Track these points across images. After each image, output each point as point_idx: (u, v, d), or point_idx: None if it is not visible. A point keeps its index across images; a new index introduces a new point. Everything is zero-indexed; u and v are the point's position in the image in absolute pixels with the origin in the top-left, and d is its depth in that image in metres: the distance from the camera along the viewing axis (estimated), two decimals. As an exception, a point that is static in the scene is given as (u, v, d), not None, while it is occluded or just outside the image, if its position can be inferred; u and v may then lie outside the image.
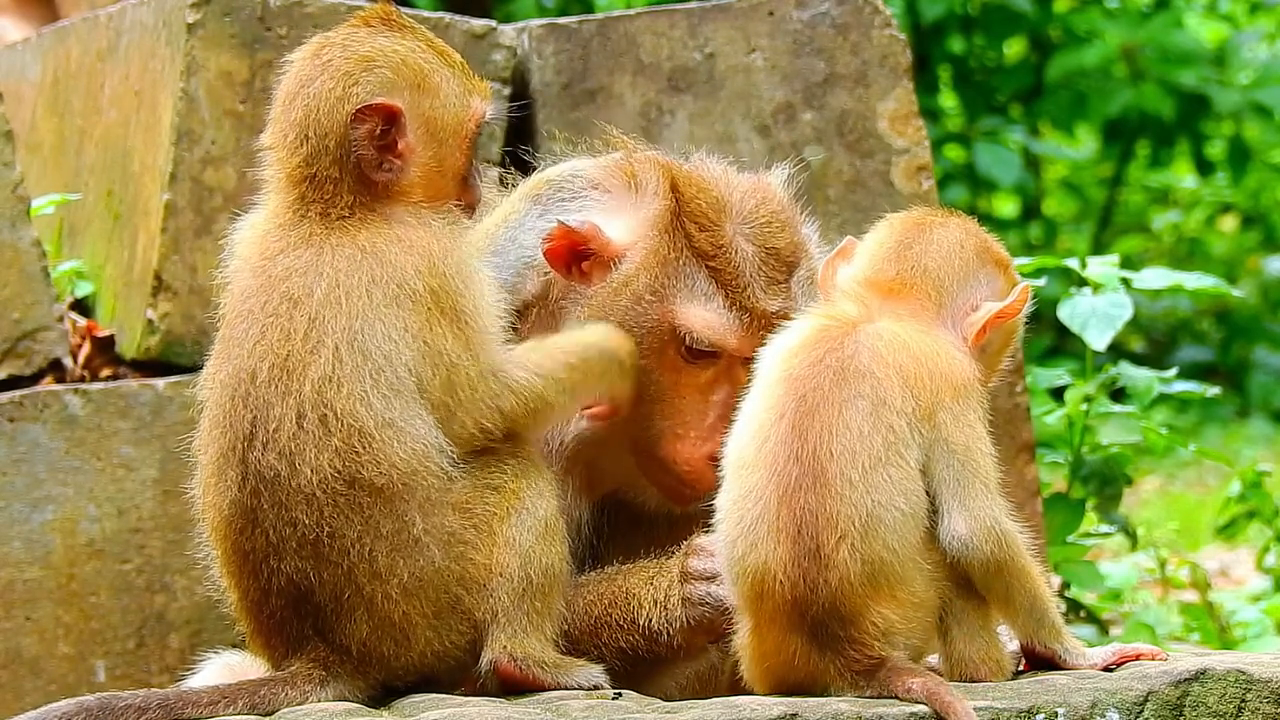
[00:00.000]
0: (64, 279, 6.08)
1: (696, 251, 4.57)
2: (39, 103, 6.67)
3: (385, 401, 4.15)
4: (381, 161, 4.26)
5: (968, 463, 4.11)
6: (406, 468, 4.15)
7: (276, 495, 4.16)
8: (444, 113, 4.32)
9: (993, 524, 4.10)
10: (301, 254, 4.23)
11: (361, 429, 4.14)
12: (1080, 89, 15.54)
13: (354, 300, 4.17)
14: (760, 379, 4.22)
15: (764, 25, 6.08)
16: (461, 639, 4.23)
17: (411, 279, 4.19)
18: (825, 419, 4.10)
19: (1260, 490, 7.35)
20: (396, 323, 4.17)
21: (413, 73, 4.29)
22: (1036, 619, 4.18)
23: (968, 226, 4.36)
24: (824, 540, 4.05)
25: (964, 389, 4.16)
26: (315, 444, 4.14)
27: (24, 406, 5.61)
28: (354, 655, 4.19)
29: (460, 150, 4.33)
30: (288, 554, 4.17)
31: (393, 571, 4.15)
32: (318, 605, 4.18)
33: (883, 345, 4.15)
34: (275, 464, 4.16)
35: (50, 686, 5.55)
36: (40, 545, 5.59)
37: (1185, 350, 15.88)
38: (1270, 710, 4.06)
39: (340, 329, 4.16)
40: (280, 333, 4.19)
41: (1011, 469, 5.96)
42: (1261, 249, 18.01)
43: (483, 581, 4.22)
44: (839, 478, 4.06)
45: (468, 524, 4.21)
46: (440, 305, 4.20)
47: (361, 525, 4.14)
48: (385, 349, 4.16)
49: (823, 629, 4.07)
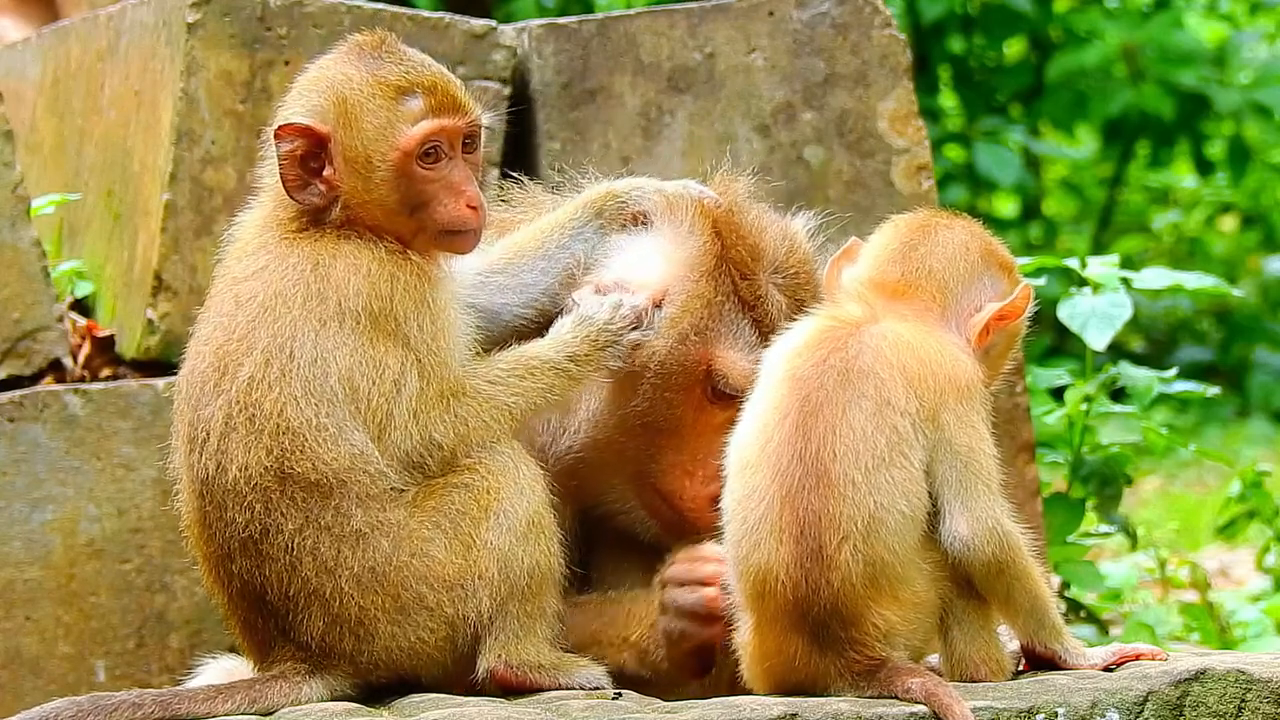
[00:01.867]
0: (64, 279, 6.08)
1: (741, 300, 4.59)
2: (39, 103, 6.67)
3: (316, 408, 4.14)
4: (307, 185, 4.25)
5: (970, 464, 4.11)
6: (340, 466, 4.15)
7: (214, 496, 4.19)
8: (364, 145, 4.26)
9: (994, 525, 4.10)
10: (256, 260, 4.25)
11: (291, 428, 4.14)
12: (1080, 89, 15.53)
13: (291, 309, 4.17)
14: (764, 379, 4.22)
15: (764, 25, 6.08)
16: (432, 636, 4.21)
17: (351, 299, 4.18)
18: (829, 419, 4.10)
19: (1260, 490, 7.34)
20: (334, 338, 4.16)
21: (338, 101, 4.26)
22: (1037, 619, 4.19)
23: (972, 229, 4.37)
24: (826, 541, 4.05)
25: (967, 390, 4.16)
26: (242, 442, 4.14)
27: (24, 406, 5.61)
28: (316, 651, 4.19)
29: (388, 183, 4.26)
30: (235, 555, 4.19)
31: (340, 564, 4.15)
32: (273, 604, 4.19)
33: (887, 346, 4.15)
34: (208, 465, 4.19)
35: (50, 686, 5.54)
36: (40, 545, 5.59)
37: (1185, 350, 15.86)
38: (1270, 710, 4.06)
39: (271, 335, 4.16)
40: (222, 333, 4.22)
41: (1011, 469, 5.96)
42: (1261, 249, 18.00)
43: (453, 581, 4.20)
44: (842, 478, 4.06)
45: (425, 520, 4.19)
46: (383, 327, 4.18)
47: (301, 519, 4.15)
48: (315, 358, 4.15)
49: (824, 629, 4.07)
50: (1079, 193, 18.26)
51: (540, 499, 4.27)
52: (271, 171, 4.31)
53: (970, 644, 4.17)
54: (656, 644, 4.46)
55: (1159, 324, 16.67)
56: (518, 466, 4.27)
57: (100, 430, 5.64)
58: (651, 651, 4.47)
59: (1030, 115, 16.36)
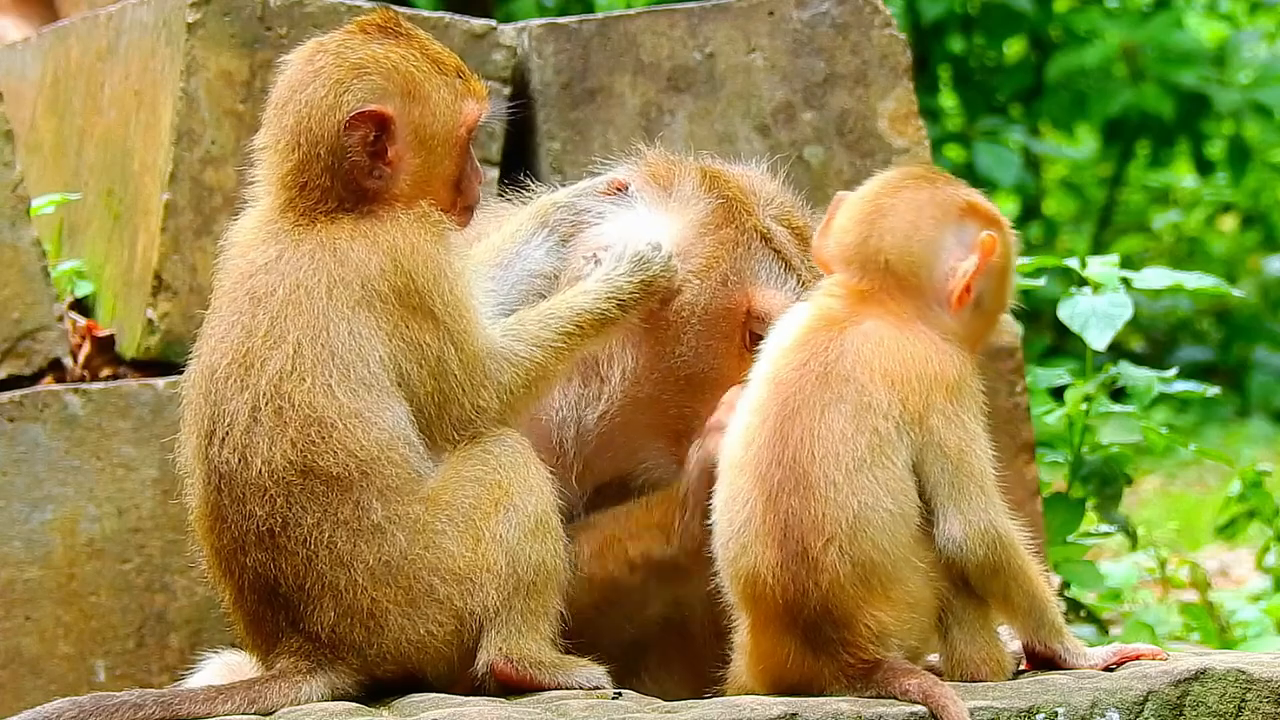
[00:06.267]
0: (64, 279, 6.08)
1: (762, 236, 4.60)
2: (39, 103, 6.67)
3: (353, 394, 4.17)
4: (373, 169, 4.28)
5: (961, 465, 4.09)
6: (366, 455, 4.16)
7: (233, 490, 4.20)
8: (434, 120, 4.33)
9: (987, 526, 4.09)
10: (268, 252, 4.26)
11: (321, 419, 4.15)
12: (1080, 89, 15.54)
13: (315, 300, 4.19)
14: (754, 375, 4.21)
15: (764, 25, 6.08)
16: (441, 629, 4.23)
17: (376, 279, 4.21)
18: (806, 422, 4.08)
19: (1260, 490, 7.35)
20: (367, 322, 4.19)
21: (404, 80, 4.31)
22: (1036, 619, 4.18)
23: (919, 195, 4.23)
24: (810, 543, 4.04)
25: (956, 388, 4.13)
26: (268, 436, 4.16)
27: (24, 406, 5.61)
28: (325, 643, 4.20)
29: (451, 156, 4.35)
30: (250, 548, 4.20)
31: (356, 558, 4.17)
32: (285, 596, 4.20)
33: (868, 349, 4.11)
34: (230, 459, 4.19)
35: (50, 686, 5.54)
36: (40, 545, 5.59)
37: (1185, 350, 15.87)
38: (1270, 710, 4.06)
39: (302, 326, 4.18)
40: (241, 330, 4.22)
41: (1011, 469, 5.96)
42: (1261, 249, 18.01)
43: (463, 573, 4.22)
44: (822, 480, 4.05)
45: (440, 514, 4.21)
46: (409, 303, 4.22)
47: (319, 513, 4.16)
48: (352, 346, 4.18)
49: (816, 632, 4.06)
50: (1079, 193, 18.27)
51: (549, 500, 4.29)
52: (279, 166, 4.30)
53: (970, 644, 4.16)
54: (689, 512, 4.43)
55: (1159, 324, 16.68)
56: (528, 465, 4.29)
57: (100, 430, 5.64)
58: (681, 523, 4.45)
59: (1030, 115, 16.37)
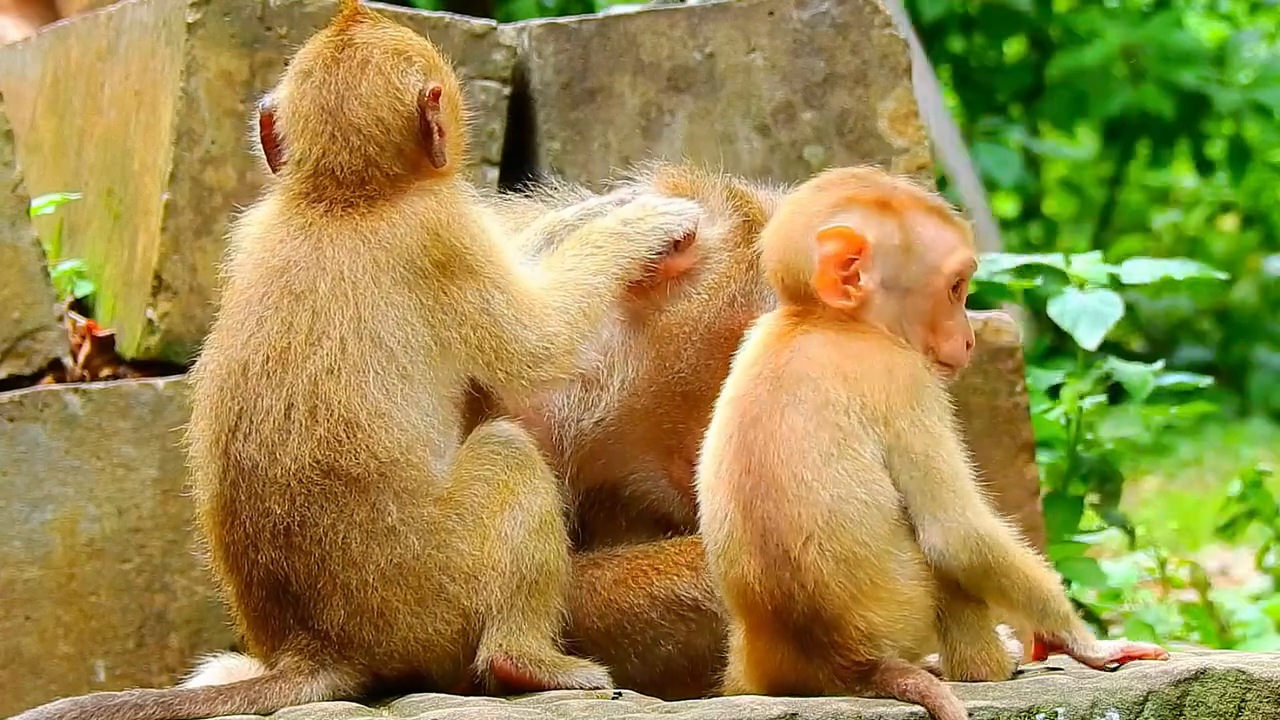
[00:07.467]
0: (64, 279, 6.08)
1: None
2: (39, 103, 6.67)
3: (386, 391, 4.18)
4: (438, 144, 4.35)
5: (930, 471, 4.07)
6: (387, 458, 4.17)
7: (253, 486, 4.20)
8: (455, 85, 4.44)
9: (968, 530, 4.06)
10: (301, 245, 4.25)
11: (351, 419, 4.16)
12: (1080, 89, 15.55)
13: (360, 290, 4.20)
14: (718, 405, 4.22)
15: (764, 25, 6.08)
16: (448, 628, 4.24)
17: (419, 256, 4.24)
18: (767, 427, 4.08)
19: (1260, 490, 7.35)
20: (410, 302, 4.22)
21: (433, 55, 4.42)
22: (1040, 610, 4.13)
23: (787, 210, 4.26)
24: (790, 544, 4.03)
25: (913, 390, 4.09)
26: (299, 434, 4.17)
27: (24, 406, 5.61)
28: (334, 641, 4.21)
29: (463, 121, 4.45)
30: (263, 544, 4.21)
31: (368, 559, 4.18)
32: (295, 594, 4.21)
33: (820, 350, 4.11)
34: (254, 455, 4.20)
35: (50, 686, 5.54)
36: (40, 545, 5.59)
37: (1185, 350, 15.88)
38: (1270, 710, 4.06)
39: (347, 319, 4.19)
40: (280, 325, 4.22)
41: (1011, 469, 5.96)
42: (1261, 249, 18.03)
43: (470, 572, 4.24)
44: (792, 480, 4.04)
45: (451, 512, 4.23)
46: (449, 270, 4.24)
47: (335, 514, 4.17)
48: (397, 333, 4.20)
49: (807, 636, 4.05)
50: (1079, 192, 18.29)
51: (553, 501, 4.32)
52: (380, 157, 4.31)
53: (970, 644, 4.16)
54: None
55: (1158, 323, 16.68)
56: (535, 466, 4.31)
57: (100, 430, 5.64)
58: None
59: (1030, 115, 16.40)
